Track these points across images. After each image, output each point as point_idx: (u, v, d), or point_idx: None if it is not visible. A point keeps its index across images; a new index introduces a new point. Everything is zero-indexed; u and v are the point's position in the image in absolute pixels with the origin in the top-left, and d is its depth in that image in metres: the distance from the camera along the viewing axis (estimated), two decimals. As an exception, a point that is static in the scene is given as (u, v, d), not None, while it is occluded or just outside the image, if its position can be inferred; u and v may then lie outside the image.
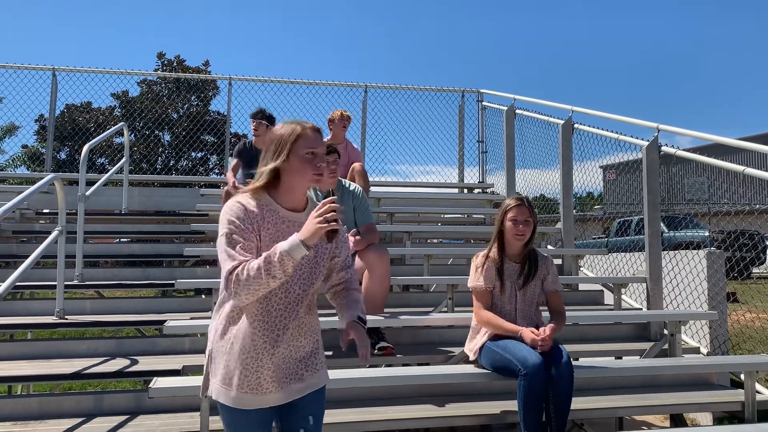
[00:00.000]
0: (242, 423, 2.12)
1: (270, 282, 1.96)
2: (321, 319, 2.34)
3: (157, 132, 17.38)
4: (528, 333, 3.36)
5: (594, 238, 13.66)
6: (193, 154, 17.67)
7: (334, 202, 1.97)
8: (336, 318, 2.35)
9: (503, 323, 3.49)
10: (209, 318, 4.61)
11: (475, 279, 3.62)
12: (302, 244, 1.93)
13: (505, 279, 3.57)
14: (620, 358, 4.73)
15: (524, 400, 3.25)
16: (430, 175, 9.66)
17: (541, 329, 3.37)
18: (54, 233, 4.50)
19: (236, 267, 1.98)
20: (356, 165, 5.92)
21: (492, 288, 3.58)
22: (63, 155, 17.97)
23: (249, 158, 6.17)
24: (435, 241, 8.46)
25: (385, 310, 4.83)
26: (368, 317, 4.15)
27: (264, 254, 1.97)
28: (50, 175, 4.39)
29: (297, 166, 2.08)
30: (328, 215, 1.94)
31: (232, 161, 6.27)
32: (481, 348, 3.57)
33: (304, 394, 2.18)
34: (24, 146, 17.47)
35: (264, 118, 6.15)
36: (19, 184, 11.00)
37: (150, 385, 3.18)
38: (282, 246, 1.95)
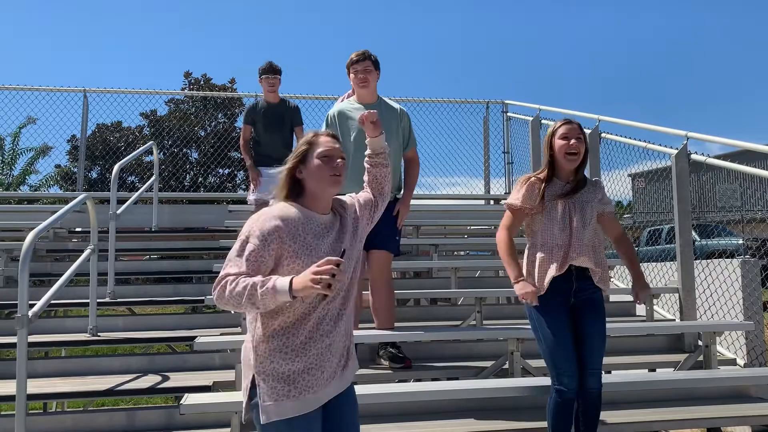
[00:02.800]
0: None
1: (248, 307, 1.95)
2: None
3: (185, 150, 17.64)
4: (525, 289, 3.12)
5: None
6: (220, 170, 17.91)
7: (338, 264, 1.86)
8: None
9: (512, 266, 3.19)
10: (239, 333, 4.67)
11: (512, 196, 3.28)
12: (289, 293, 1.89)
13: (554, 198, 3.18)
14: (654, 370, 4.64)
15: (554, 415, 3.22)
16: (456, 187, 9.62)
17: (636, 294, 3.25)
18: (86, 252, 4.58)
19: (229, 275, 2.00)
20: None
21: (529, 209, 3.22)
22: (94, 174, 18.34)
23: (265, 117, 5.90)
24: (462, 253, 8.41)
25: (414, 323, 4.82)
26: (385, 332, 4.15)
27: (255, 279, 1.95)
28: (82, 195, 4.48)
29: (315, 170, 2.16)
30: (325, 277, 1.83)
31: (246, 127, 6.01)
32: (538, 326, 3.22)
33: None
34: (57, 166, 17.86)
35: (277, 72, 5.91)
36: (52, 203, 11.24)
37: (181, 402, 3.21)
38: (276, 283, 1.91)
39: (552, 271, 3.15)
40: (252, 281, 1.94)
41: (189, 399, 3.26)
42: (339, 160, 2.19)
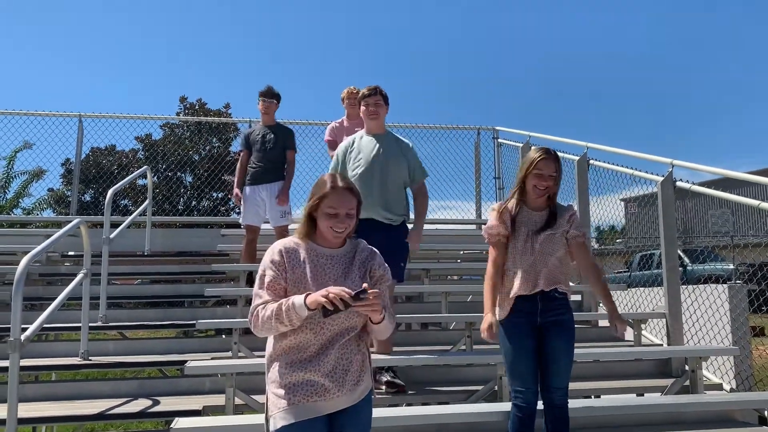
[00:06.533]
0: None
1: (279, 326, 2.30)
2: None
3: (179, 174, 17.69)
4: (487, 321, 3.23)
5: (616, 273, 13.56)
6: (214, 194, 17.93)
7: (353, 296, 2.20)
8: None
9: (487, 300, 3.31)
10: (230, 357, 4.69)
11: (486, 226, 3.46)
12: (305, 306, 2.25)
13: (519, 227, 3.34)
14: (641, 394, 4.68)
15: (515, 427, 3.29)
16: (448, 211, 9.67)
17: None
18: (79, 276, 4.60)
19: (257, 306, 2.36)
20: None
21: (506, 236, 3.36)
22: (87, 197, 18.31)
23: (256, 141, 6.11)
24: (454, 277, 8.45)
25: (404, 348, 4.85)
26: (382, 356, 4.19)
27: (278, 302, 2.31)
28: (76, 219, 4.51)
29: (322, 219, 2.43)
30: (334, 300, 2.18)
31: (244, 153, 6.22)
32: (501, 321, 3.31)
33: None
34: (50, 190, 17.84)
35: (273, 96, 6.19)
36: (45, 227, 11.23)
37: (171, 426, 3.23)
38: (294, 300, 2.28)
39: (515, 291, 3.27)
40: (276, 304, 2.31)
41: (179, 423, 3.28)
42: (340, 224, 2.41)
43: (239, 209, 6.25)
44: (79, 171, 8.78)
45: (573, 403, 3.81)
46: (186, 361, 4.24)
